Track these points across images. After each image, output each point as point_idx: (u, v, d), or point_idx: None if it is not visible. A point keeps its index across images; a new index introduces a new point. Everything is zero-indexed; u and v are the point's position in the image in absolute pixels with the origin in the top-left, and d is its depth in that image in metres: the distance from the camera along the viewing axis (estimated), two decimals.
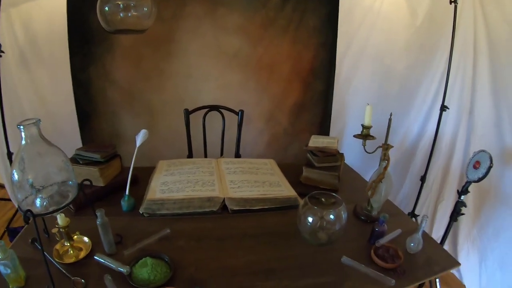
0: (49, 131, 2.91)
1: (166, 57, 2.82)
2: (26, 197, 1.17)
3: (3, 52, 2.41)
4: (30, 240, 1.40)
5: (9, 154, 2.56)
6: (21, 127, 1.12)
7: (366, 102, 1.68)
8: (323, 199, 1.40)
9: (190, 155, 2.59)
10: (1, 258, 1.13)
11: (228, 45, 2.85)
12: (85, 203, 1.63)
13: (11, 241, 2.72)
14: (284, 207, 1.68)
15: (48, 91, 2.81)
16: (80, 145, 2.88)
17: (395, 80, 2.92)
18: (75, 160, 1.79)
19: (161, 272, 1.23)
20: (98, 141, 2.96)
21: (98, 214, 1.29)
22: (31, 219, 1.07)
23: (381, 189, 1.55)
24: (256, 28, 2.82)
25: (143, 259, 1.28)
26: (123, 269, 1.22)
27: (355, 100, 3.08)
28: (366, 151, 1.62)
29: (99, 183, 1.75)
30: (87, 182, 1.32)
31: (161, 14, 2.61)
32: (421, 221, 1.38)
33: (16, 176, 1.13)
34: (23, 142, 1.14)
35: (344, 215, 1.34)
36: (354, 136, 1.68)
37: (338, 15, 2.86)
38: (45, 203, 1.20)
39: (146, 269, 1.22)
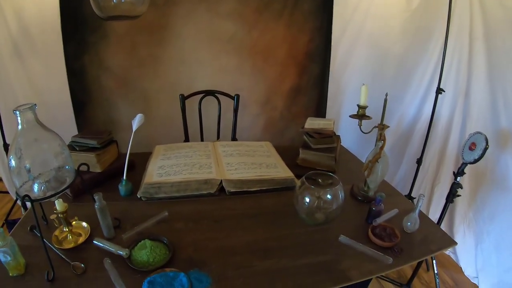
0: (44, 121, 2.90)
1: (160, 43, 2.81)
2: (24, 183, 1.17)
3: None
4: (29, 228, 1.40)
5: (5, 146, 2.57)
6: (17, 112, 1.11)
7: (360, 85, 1.68)
8: (320, 180, 1.41)
9: (186, 141, 2.60)
10: (0, 245, 1.13)
11: (223, 30, 2.84)
12: (82, 189, 1.62)
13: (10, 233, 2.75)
14: (281, 188, 1.69)
15: (42, 81, 2.79)
16: (75, 133, 2.84)
17: (391, 63, 2.92)
18: (71, 147, 1.78)
19: (160, 253, 1.24)
20: (96, 129, 2.91)
21: (96, 197, 1.29)
22: (29, 204, 1.07)
23: (378, 169, 1.56)
24: (251, 12, 2.80)
25: (142, 241, 1.28)
26: (122, 252, 1.22)
27: (351, 83, 3.10)
28: (362, 131, 1.63)
29: (96, 169, 1.75)
30: (84, 167, 1.32)
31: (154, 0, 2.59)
32: (418, 200, 1.39)
33: (13, 162, 1.13)
34: (19, 127, 1.14)
35: (341, 194, 1.34)
36: (350, 116, 1.68)
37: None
38: (42, 188, 1.20)
39: (145, 251, 1.23)
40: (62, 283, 1.15)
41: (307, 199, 1.34)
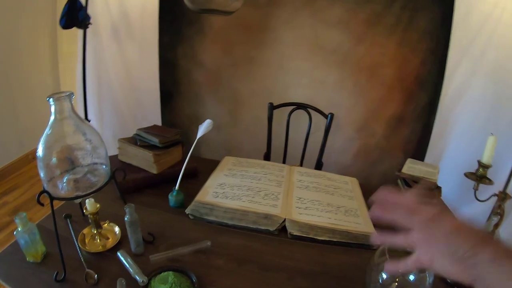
0: (132, 105, 2.97)
1: (258, 45, 2.70)
2: (52, 178, 1.07)
3: (90, 23, 2.51)
4: (63, 215, 1.33)
5: (87, 121, 2.61)
6: (51, 99, 1.00)
7: (472, 127, 1.30)
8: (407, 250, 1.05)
9: (268, 152, 2.40)
10: (21, 230, 1.10)
11: (326, 39, 2.62)
12: (135, 187, 1.53)
13: None
14: (356, 244, 1.34)
15: (135, 66, 2.85)
16: (159, 121, 2.95)
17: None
18: (134, 140, 1.67)
19: None
20: (180, 123, 2.96)
21: (126, 210, 1.13)
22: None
23: None
24: (359, 23, 2.55)
25: (166, 273, 1.07)
26: (139, 279, 1.03)
27: (461, 121, 2.62)
28: (478, 199, 1.25)
29: (152, 170, 1.60)
30: (120, 173, 1.18)
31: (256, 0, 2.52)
32: None
33: (40, 152, 1.02)
34: (52, 117, 1.03)
35: (429, 278, 0.97)
36: (467, 175, 1.31)
37: (453, 19, 2.45)
38: (70, 185, 1.09)
39: (164, 287, 1.01)
40: (69, 287, 1.06)
41: (384, 276, 1.00)
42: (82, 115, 2.63)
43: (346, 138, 2.88)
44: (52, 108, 1.01)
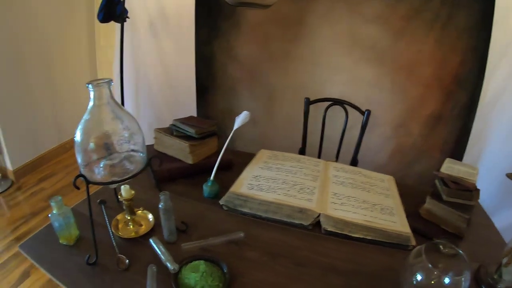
0: (168, 98, 3.01)
1: (294, 40, 2.65)
2: (89, 163, 1.08)
3: (128, 17, 2.56)
4: (98, 201, 1.35)
5: None
6: (90, 86, 1.01)
7: None
8: (441, 247, 1.00)
9: (303, 148, 2.36)
10: (56, 213, 1.12)
11: (364, 35, 2.54)
12: (167, 177, 1.53)
13: None
14: (390, 244, 1.28)
15: (171, 59, 2.88)
16: (194, 114, 2.97)
17: None
18: (170, 130, 1.68)
19: (211, 284, 0.99)
20: (215, 116, 2.97)
21: (161, 197, 1.12)
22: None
23: None
24: (398, 18, 2.46)
25: (197, 261, 1.06)
26: (170, 266, 1.02)
27: (500, 123, 2.49)
28: None
29: (188, 160, 1.60)
30: (156, 160, 1.18)
31: None
32: None
33: (78, 137, 1.04)
34: (91, 103, 1.04)
35: (465, 283, 0.92)
36: (508, 175, 1.23)
37: (493, 16, 2.32)
38: (107, 171, 1.11)
39: (195, 275, 1.00)
40: (100, 271, 1.08)
41: (419, 277, 0.95)
42: None
43: (382, 136, 2.81)
44: (91, 94, 1.02)
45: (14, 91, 3.17)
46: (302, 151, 2.34)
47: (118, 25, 2.58)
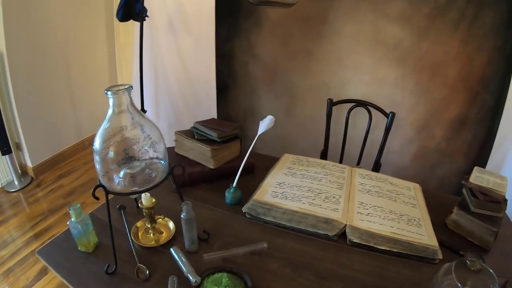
0: (188, 97, 3.01)
1: (316, 39, 2.63)
2: (109, 171, 1.07)
3: (147, 16, 2.58)
4: (117, 206, 1.35)
5: (143, 111, 2.70)
6: (109, 93, 0.99)
7: None
8: (467, 262, 0.96)
9: (325, 150, 2.34)
10: (74, 221, 1.13)
11: (388, 34, 2.51)
12: (187, 181, 1.52)
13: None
14: (417, 257, 1.25)
15: (191, 58, 2.89)
16: (215, 115, 2.97)
17: None
18: (191, 133, 1.66)
19: None
20: (235, 116, 2.98)
21: (183, 207, 1.11)
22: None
23: None
24: (422, 17, 2.41)
25: (219, 274, 1.04)
26: (192, 278, 1.01)
27: None
28: None
29: (209, 164, 1.59)
30: (178, 169, 1.15)
31: None
32: None
33: (97, 145, 1.02)
34: (110, 110, 1.02)
35: None
36: None
37: None
38: (124, 181, 1.09)
39: None
40: (119, 281, 1.07)
41: None
42: (139, 106, 2.69)
43: (404, 139, 2.77)
44: (110, 102, 1.00)
45: (34, 90, 3.22)
46: (324, 153, 2.32)
47: (138, 23, 2.59)
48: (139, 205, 1.21)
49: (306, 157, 1.78)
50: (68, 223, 1.14)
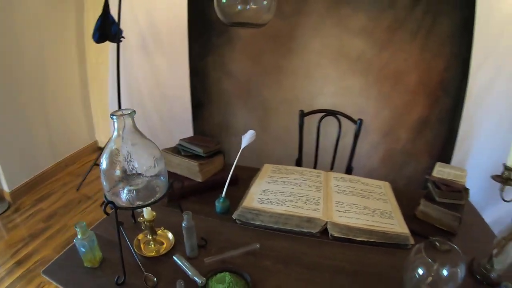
0: (163, 114, 3.12)
1: (286, 54, 2.81)
2: (113, 187, 1.18)
3: (123, 37, 2.66)
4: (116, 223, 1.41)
5: None
6: (114, 117, 1.11)
7: (497, 129, 1.36)
8: (437, 244, 1.15)
9: (299, 158, 2.51)
10: (80, 238, 1.20)
11: (351, 47, 2.73)
12: (179, 195, 1.62)
13: (111, 207, 2.96)
14: (391, 244, 1.45)
15: (165, 75, 3.00)
16: (190, 130, 3.08)
17: None
18: (177, 150, 1.80)
19: None
20: (210, 130, 3.07)
21: (184, 217, 1.24)
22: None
23: (510, 249, 1.25)
24: (382, 30, 2.65)
25: (222, 273, 1.19)
26: (198, 280, 1.15)
27: (485, 124, 2.69)
28: (504, 199, 1.32)
29: (197, 178, 1.73)
30: (177, 184, 1.30)
31: (282, 9, 2.63)
32: None
33: (104, 165, 1.14)
34: (115, 132, 1.14)
35: (460, 274, 1.07)
36: (493, 177, 1.38)
37: (474, 23, 2.51)
38: (131, 197, 1.20)
39: (222, 286, 1.13)
40: None
41: (420, 271, 1.10)
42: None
43: (372, 143, 2.98)
44: (115, 124, 1.12)
45: (7, 112, 3.22)
46: (299, 161, 2.48)
47: (109, 43, 2.69)
48: (141, 218, 1.32)
49: (284, 166, 1.95)
50: (74, 240, 1.21)
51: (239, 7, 1.42)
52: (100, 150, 4.38)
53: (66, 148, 3.94)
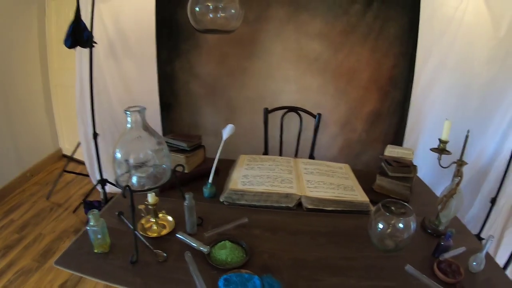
0: None
1: (249, 57, 3.03)
2: (123, 174, 1.38)
3: (96, 43, 2.70)
4: (117, 213, 1.62)
5: (95, 135, 2.86)
6: (128, 112, 1.30)
7: (443, 115, 1.69)
8: (393, 208, 1.46)
9: (266, 152, 2.77)
10: (93, 225, 1.33)
11: (309, 50, 3.00)
12: (171, 185, 1.79)
13: (85, 213, 3.12)
14: (355, 211, 1.78)
15: (134, 80, 3.08)
16: (160, 131, 3.21)
17: (475, 94, 2.83)
18: None
19: (238, 255, 1.38)
20: (180, 131, 3.22)
21: (187, 196, 1.47)
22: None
23: (451, 204, 1.58)
24: (337, 34, 2.94)
25: (222, 242, 1.44)
26: (204, 249, 1.38)
27: (431, 112, 3.06)
28: (441, 166, 1.64)
29: (184, 169, 1.98)
30: (180, 168, 1.52)
31: (246, 16, 2.73)
32: (487, 242, 1.38)
33: (118, 155, 1.33)
34: (129, 125, 1.34)
35: (413, 225, 1.38)
36: (431, 149, 1.71)
37: (419, 24, 2.86)
38: (142, 182, 1.40)
39: (224, 251, 1.38)
40: (143, 267, 1.32)
41: (381, 225, 1.41)
42: (90, 132, 2.84)
43: (331, 134, 3.28)
44: (129, 119, 1.33)
45: None
46: (265, 155, 2.69)
47: (75, 49, 2.78)
48: (145, 203, 1.51)
49: (258, 155, 2.24)
50: (88, 228, 1.33)
51: (210, 15, 1.63)
52: (65, 157, 4.36)
53: (30, 157, 3.91)
